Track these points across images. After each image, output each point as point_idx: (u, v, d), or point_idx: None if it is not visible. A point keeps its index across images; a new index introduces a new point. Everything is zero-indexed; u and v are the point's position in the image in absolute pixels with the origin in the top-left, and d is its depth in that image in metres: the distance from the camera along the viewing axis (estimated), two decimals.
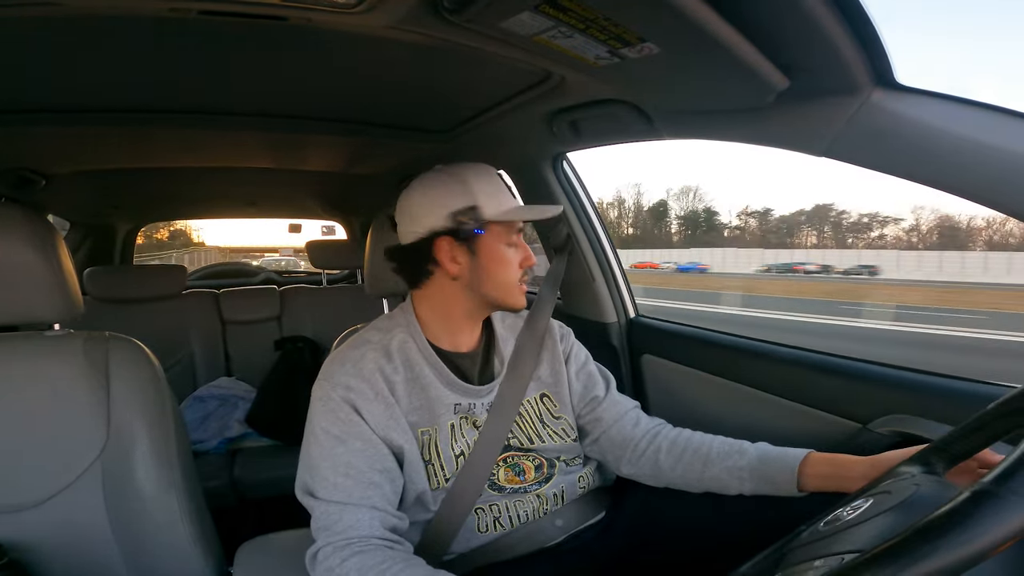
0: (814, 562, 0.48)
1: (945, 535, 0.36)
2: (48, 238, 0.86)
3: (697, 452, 0.90)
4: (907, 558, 0.36)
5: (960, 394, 0.86)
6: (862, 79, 0.66)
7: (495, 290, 0.87)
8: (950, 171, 0.64)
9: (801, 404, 1.05)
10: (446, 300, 0.89)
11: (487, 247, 0.86)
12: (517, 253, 0.89)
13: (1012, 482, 0.37)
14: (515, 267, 0.88)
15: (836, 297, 17.07)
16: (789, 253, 52.04)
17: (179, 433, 0.94)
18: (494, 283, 0.87)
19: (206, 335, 2.23)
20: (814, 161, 0.87)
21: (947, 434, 0.58)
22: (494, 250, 0.86)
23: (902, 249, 53.32)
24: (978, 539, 0.35)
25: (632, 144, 1.16)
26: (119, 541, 0.86)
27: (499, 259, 0.86)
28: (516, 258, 0.88)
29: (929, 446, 0.59)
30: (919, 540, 0.37)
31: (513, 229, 0.88)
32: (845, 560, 0.44)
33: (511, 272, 0.87)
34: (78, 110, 1.17)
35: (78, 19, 0.75)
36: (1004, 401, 0.52)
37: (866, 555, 0.38)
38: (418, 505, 0.83)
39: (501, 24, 0.67)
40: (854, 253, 47.60)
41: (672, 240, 78.28)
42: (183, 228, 18.13)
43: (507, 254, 0.87)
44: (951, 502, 0.38)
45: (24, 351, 0.88)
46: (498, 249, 0.86)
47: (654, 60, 0.70)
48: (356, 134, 1.39)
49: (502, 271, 0.87)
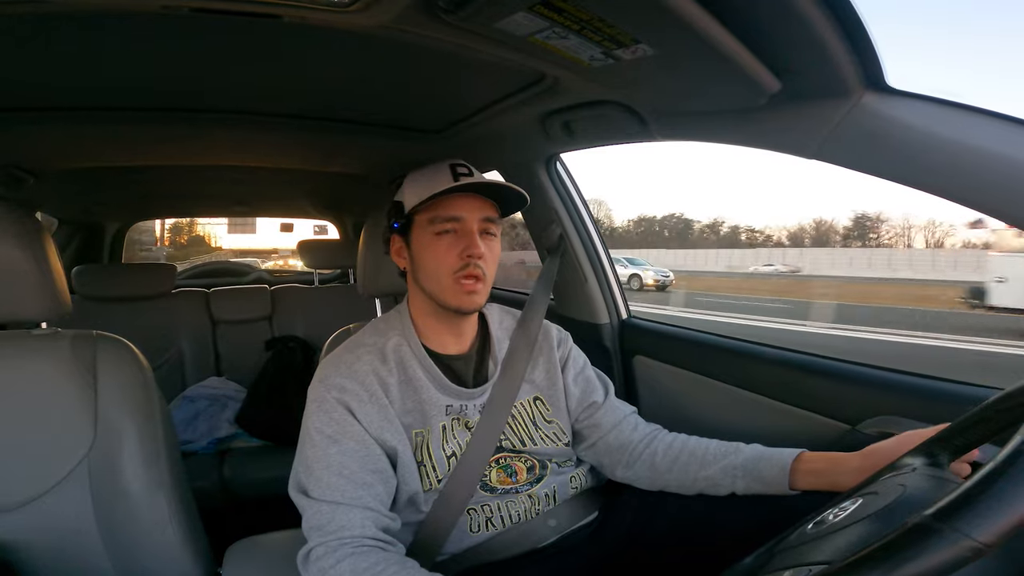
0: (783, 573, 0.48)
1: (876, 568, 0.36)
2: (36, 236, 0.85)
3: (693, 454, 0.90)
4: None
5: (948, 396, 0.87)
6: (853, 82, 0.66)
7: (428, 284, 0.85)
8: (940, 175, 0.65)
9: (791, 405, 1.06)
10: (414, 299, 0.91)
11: (416, 239, 0.86)
12: (453, 243, 0.82)
13: (953, 519, 0.36)
14: (446, 258, 0.82)
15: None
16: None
17: (168, 433, 0.93)
18: (426, 276, 0.85)
19: (196, 334, 2.21)
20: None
21: (950, 425, 0.58)
22: (422, 240, 0.85)
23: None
24: (909, 573, 0.35)
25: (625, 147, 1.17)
26: (106, 541, 0.85)
27: (427, 250, 0.84)
28: (449, 248, 0.82)
29: (932, 437, 0.59)
30: (851, 572, 0.37)
31: (441, 216, 0.82)
32: (812, 572, 0.45)
33: (440, 263, 0.82)
34: (67, 108, 1.16)
35: (68, 16, 0.74)
36: (1008, 394, 0.53)
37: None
38: (410, 506, 0.83)
39: (496, 24, 0.67)
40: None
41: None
42: (202, 235, 18.01)
43: (434, 244, 0.83)
44: (887, 535, 0.38)
45: (10, 350, 0.87)
46: (425, 239, 0.84)
47: (648, 61, 0.71)
48: (349, 134, 1.39)
49: (429, 262, 0.84)
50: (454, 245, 0.82)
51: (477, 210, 0.84)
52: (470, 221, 0.83)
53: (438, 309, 0.87)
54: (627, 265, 16.79)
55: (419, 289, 0.88)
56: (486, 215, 0.85)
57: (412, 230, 0.86)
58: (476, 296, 0.83)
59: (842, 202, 72.28)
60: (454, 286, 0.82)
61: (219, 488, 1.73)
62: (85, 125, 1.24)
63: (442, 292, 0.83)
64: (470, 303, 0.83)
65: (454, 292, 0.82)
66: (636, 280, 16.25)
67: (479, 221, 0.84)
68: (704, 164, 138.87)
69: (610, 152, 11.97)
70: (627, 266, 16.71)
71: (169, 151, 1.57)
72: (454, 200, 0.83)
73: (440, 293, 0.84)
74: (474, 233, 0.83)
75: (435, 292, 0.84)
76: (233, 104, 1.20)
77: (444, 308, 0.85)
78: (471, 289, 0.82)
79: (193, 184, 2.25)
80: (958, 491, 0.37)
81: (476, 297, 0.83)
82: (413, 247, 0.87)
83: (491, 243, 0.85)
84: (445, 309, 0.85)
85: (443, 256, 0.82)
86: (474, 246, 0.81)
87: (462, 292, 0.82)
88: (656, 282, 16.38)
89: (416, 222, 0.86)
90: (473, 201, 0.84)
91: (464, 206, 0.83)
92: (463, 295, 0.82)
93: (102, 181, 1.97)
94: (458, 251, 0.82)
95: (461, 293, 0.82)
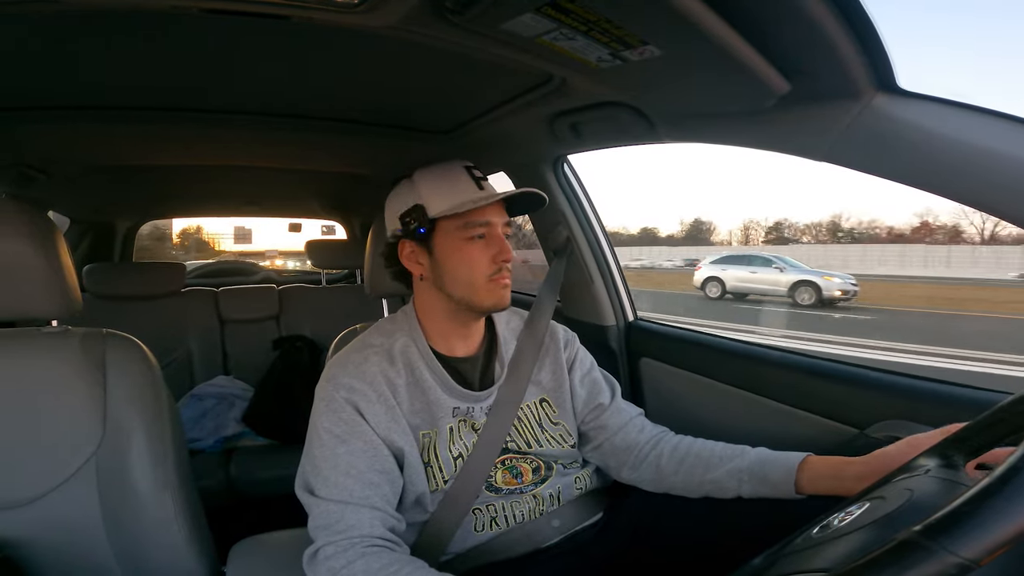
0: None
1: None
2: (48, 234, 0.86)
3: (699, 456, 0.89)
4: None
5: (956, 400, 0.86)
6: (863, 83, 0.65)
7: (459, 289, 0.85)
8: (951, 177, 0.64)
9: (798, 409, 1.05)
10: (428, 303, 0.90)
11: (442, 244, 0.85)
12: (485, 248, 0.84)
13: (941, 536, 0.35)
14: (480, 263, 0.83)
15: None
16: None
17: (175, 431, 0.94)
18: (456, 281, 0.85)
19: (204, 333, 2.22)
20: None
21: (965, 426, 0.57)
22: (449, 246, 0.85)
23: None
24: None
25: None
26: (113, 539, 0.86)
27: (456, 255, 0.84)
28: (482, 253, 0.84)
29: (948, 438, 0.59)
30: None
31: (473, 223, 0.83)
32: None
33: (474, 269, 0.83)
34: (79, 107, 1.17)
35: (79, 16, 0.74)
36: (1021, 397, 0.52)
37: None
38: (417, 506, 0.83)
39: (503, 25, 0.67)
40: None
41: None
42: (208, 240, 18.09)
43: (466, 249, 0.84)
44: (874, 551, 0.37)
45: (21, 347, 0.88)
46: (454, 245, 0.84)
47: (655, 63, 0.71)
48: (356, 134, 1.39)
49: (462, 268, 0.84)
50: (486, 250, 0.84)
51: (500, 215, 0.87)
52: (497, 226, 0.86)
53: (457, 312, 0.87)
54: (784, 268, 11.01)
55: (439, 293, 0.87)
56: (506, 219, 0.88)
57: (436, 235, 0.86)
58: (508, 293, 0.87)
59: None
60: (488, 286, 0.84)
61: (225, 486, 1.74)
62: (95, 124, 1.26)
63: (475, 295, 0.84)
64: (504, 300, 0.86)
65: (489, 293, 0.85)
66: (806, 292, 10.30)
67: (502, 225, 0.87)
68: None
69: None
70: (784, 269, 10.97)
71: (177, 151, 1.58)
72: (483, 206, 0.85)
73: (473, 296, 0.85)
74: (503, 238, 0.86)
75: (466, 296, 0.85)
76: (241, 104, 1.21)
77: (472, 310, 0.86)
78: (505, 285, 0.85)
79: (202, 184, 2.26)
80: (948, 508, 0.37)
81: (508, 294, 0.87)
82: (438, 252, 0.85)
83: (509, 244, 0.88)
84: (472, 311, 0.87)
85: (477, 261, 0.84)
86: (507, 251, 0.85)
87: (498, 290, 0.85)
88: (843, 293, 10.23)
89: (442, 228, 0.85)
90: (497, 206, 0.87)
91: (492, 212, 0.86)
92: (499, 292, 0.85)
93: (113, 180, 1.99)
94: (490, 255, 0.84)
95: (497, 291, 0.85)
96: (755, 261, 12.03)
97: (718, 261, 12.60)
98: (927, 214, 28.69)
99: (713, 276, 11.96)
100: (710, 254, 14.32)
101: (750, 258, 12.60)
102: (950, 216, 26.39)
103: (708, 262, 12.63)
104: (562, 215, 1.46)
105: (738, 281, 11.58)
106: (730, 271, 11.88)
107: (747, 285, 11.44)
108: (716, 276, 11.91)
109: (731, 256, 13.48)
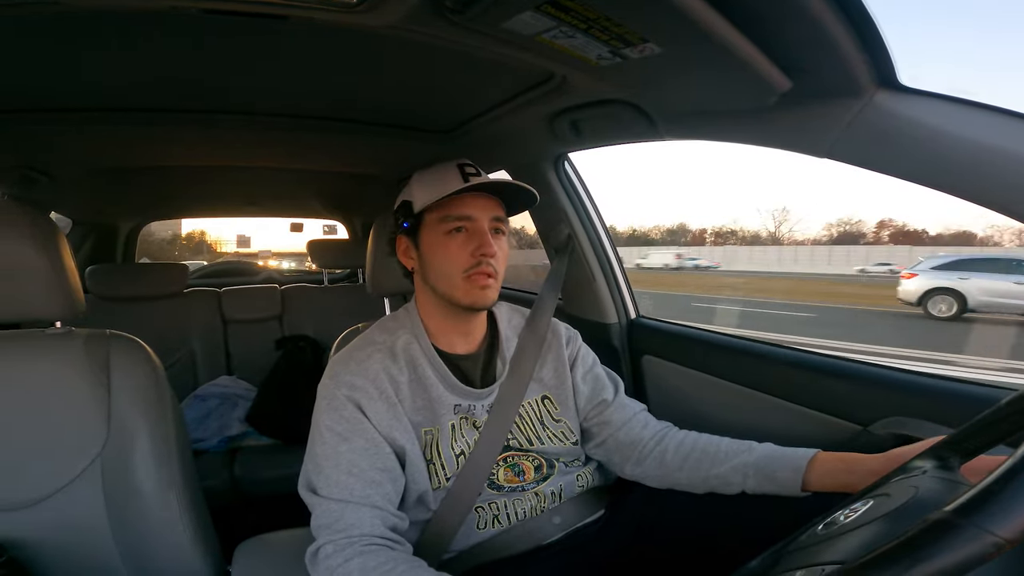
0: (796, 572, 0.48)
1: (896, 564, 0.36)
2: (50, 236, 0.86)
3: (704, 452, 0.89)
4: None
5: (960, 396, 0.85)
6: (865, 80, 0.65)
7: (440, 283, 0.85)
8: (953, 173, 0.64)
9: (802, 406, 1.05)
10: (423, 299, 0.91)
11: (426, 238, 0.86)
12: (465, 241, 0.83)
13: (974, 515, 0.35)
14: (458, 257, 0.83)
15: None
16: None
17: (179, 432, 0.94)
18: (438, 275, 0.85)
19: (207, 334, 2.23)
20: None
21: (960, 429, 0.57)
22: (432, 240, 0.85)
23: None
24: (929, 570, 0.35)
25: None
26: (118, 539, 0.86)
27: (437, 248, 0.84)
28: (461, 247, 0.83)
29: (942, 440, 0.59)
30: (872, 569, 0.37)
31: (452, 215, 0.83)
32: (825, 571, 0.44)
33: (451, 262, 0.83)
34: (81, 109, 1.17)
35: (79, 17, 0.75)
36: (1020, 396, 0.52)
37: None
38: (420, 505, 0.83)
39: (503, 24, 0.67)
40: None
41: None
42: (212, 243, 18.13)
43: (445, 242, 0.83)
44: (906, 532, 0.37)
45: (25, 349, 0.88)
46: (435, 238, 0.84)
47: (656, 60, 0.70)
48: (358, 133, 1.39)
49: (441, 261, 0.84)
50: (466, 244, 0.83)
51: (487, 209, 0.85)
52: (481, 220, 0.84)
53: (448, 308, 0.87)
54: (954, 273, 7.86)
55: (429, 289, 0.88)
56: (495, 214, 0.86)
57: (421, 230, 0.87)
58: (489, 291, 0.84)
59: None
60: (466, 284, 0.83)
61: (229, 486, 1.75)
62: (97, 126, 1.26)
63: (454, 290, 0.84)
64: (483, 299, 0.84)
65: (466, 289, 0.83)
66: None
67: (489, 220, 0.85)
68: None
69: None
70: (946, 274, 7.92)
71: (179, 151, 1.59)
72: (465, 200, 0.84)
73: (452, 291, 0.84)
74: (486, 232, 0.84)
75: (446, 291, 0.85)
76: (242, 104, 1.21)
77: (455, 306, 0.86)
78: (484, 284, 0.83)
79: (204, 184, 2.27)
80: (979, 487, 0.37)
81: (489, 292, 0.84)
82: (422, 246, 0.87)
83: (500, 241, 0.86)
84: (456, 307, 0.86)
85: (455, 255, 0.83)
86: (487, 245, 0.82)
87: (475, 288, 0.83)
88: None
89: (426, 222, 0.86)
90: (483, 200, 0.85)
91: (475, 205, 0.84)
92: (476, 291, 0.83)
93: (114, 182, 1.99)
94: (470, 250, 0.82)
95: (474, 289, 0.83)
96: (1008, 266, 8.08)
97: (946, 267, 8.20)
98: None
99: (941, 287, 7.96)
100: (922, 257, 9.53)
101: (995, 261, 8.92)
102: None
103: (928, 267, 8.35)
104: (563, 213, 1.45)
105: (989, 295, 7.60)
106: (974, 281, 7.73)
107: (1011, 302, 7.48)
108: (948, 287, 7.87)
109: (966, 260, 8.54)
